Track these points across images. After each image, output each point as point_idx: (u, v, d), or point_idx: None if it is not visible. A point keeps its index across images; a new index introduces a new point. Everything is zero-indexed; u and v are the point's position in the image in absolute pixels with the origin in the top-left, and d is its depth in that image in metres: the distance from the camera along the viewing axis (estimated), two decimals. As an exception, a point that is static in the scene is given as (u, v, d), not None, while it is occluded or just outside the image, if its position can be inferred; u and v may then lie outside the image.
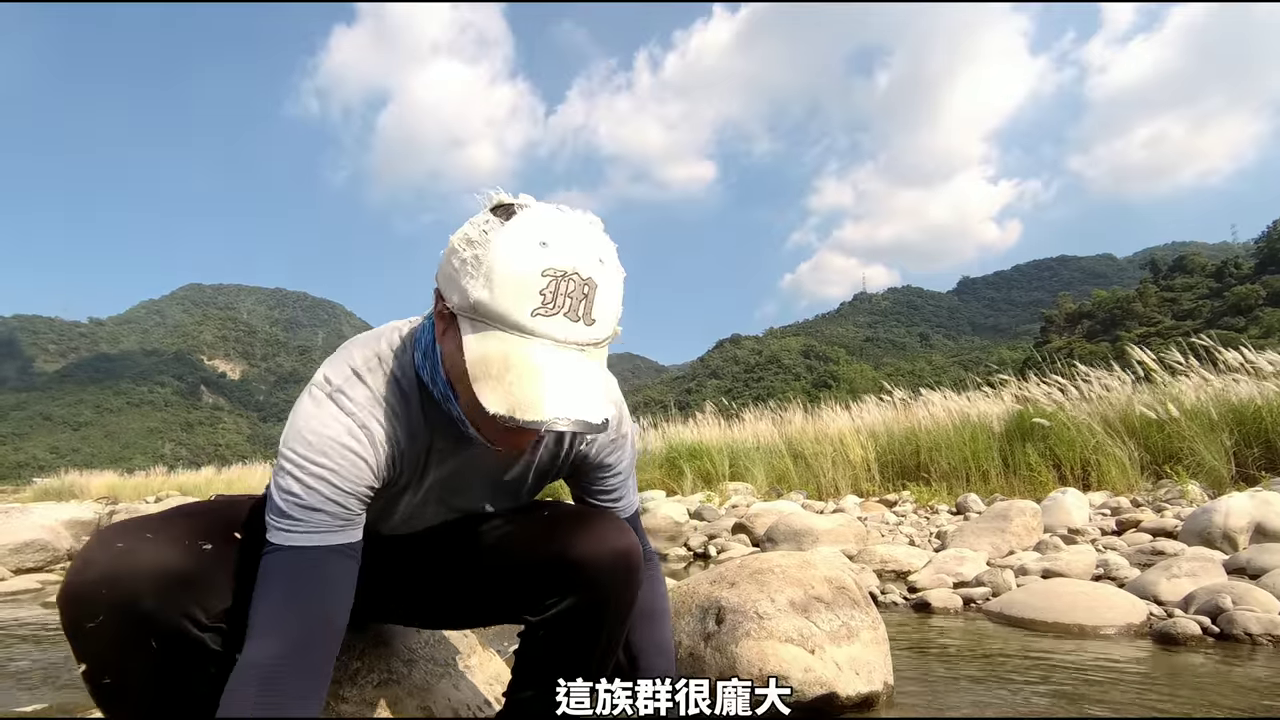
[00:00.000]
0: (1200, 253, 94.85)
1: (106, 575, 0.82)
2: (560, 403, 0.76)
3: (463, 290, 0.80)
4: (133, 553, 0.84)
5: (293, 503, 0.84)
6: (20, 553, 4.51)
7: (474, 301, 0.78)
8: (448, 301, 0.83)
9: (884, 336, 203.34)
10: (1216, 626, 2.03)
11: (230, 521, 0.96)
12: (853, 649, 1.57)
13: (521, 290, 0.77)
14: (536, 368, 0.77)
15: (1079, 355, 9.50)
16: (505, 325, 0.78)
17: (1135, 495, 4.77)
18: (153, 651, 0.85)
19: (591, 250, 0.81)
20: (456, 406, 0.90)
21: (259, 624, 0.82)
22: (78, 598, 0.82)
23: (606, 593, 1.02)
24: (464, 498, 1.07)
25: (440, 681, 1.30)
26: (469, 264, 0.80)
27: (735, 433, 8.51)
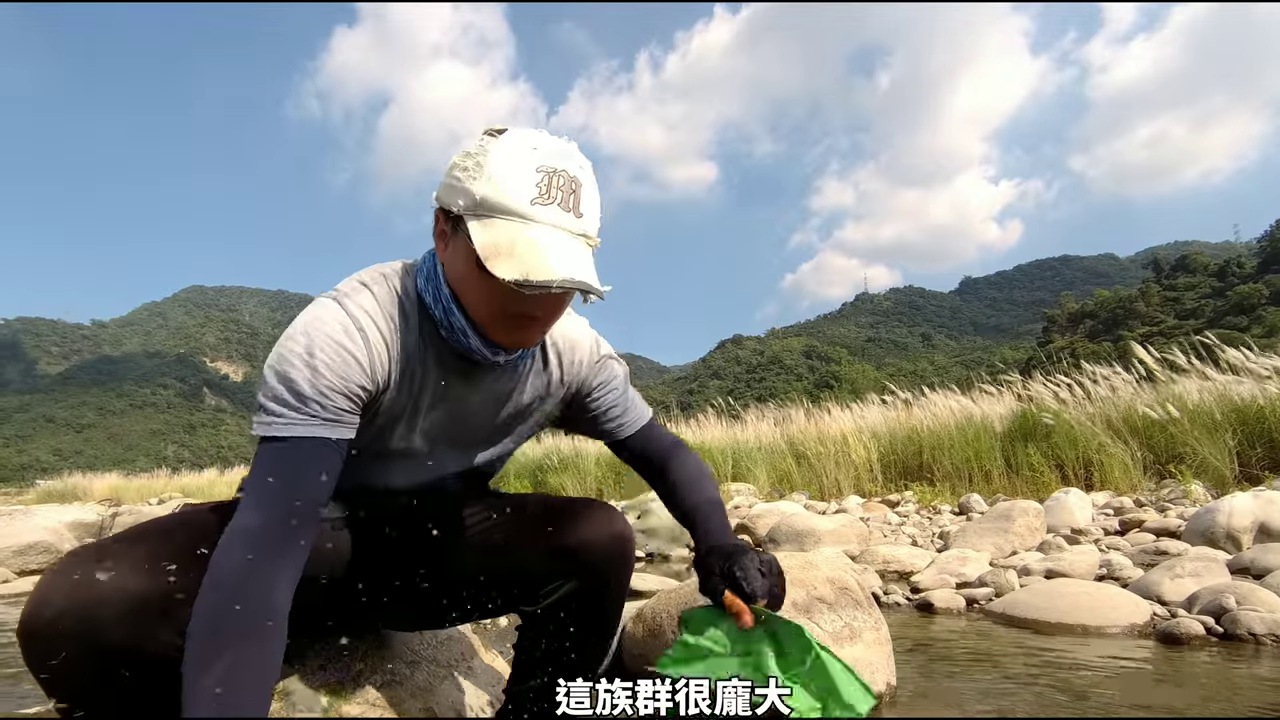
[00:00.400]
0: (1203, 252, 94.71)
1: (66, 611, 0.78)
2: (565, 266, 0.85)
3: (467, 192, 0.89)
4: (92, 583, 0.79)
5: (282, 394, 0.88)
6: (24, 554, 4.52)
7: (479, 198, 0.88)
8: (451, 207, 0.91)
9: (886, 337, 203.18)
10: (1220, 627, 2.02)
11: (194, 538, 0.91)
12: (855, 650, 1.57)
13: (520, 183, 0.88)
14: (541, 241, 0.87)
15: (1081, 355, 9.48)
16: (508, 213, 0.87)
17: (1138, 495, 4.77)
18: (125, 680, 0.81)
19: (574, 156, 0.93)
20: (460, 317, 0.96)
21: (245, 503, 0.85)
22: (37, 637, 0.78)
23: (604, 577, 1.05)
24: (462, 436, 1.08)
25: (443, 683, 1.30)
26: (470, 170, 0.89)
27: (737, 433, 8.51)
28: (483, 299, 0.92)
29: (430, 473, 1.08)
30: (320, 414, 0.88)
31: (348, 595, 1.09)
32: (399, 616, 1.22)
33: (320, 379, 0.88)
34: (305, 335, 0.90)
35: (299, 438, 0.87)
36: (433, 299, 0.98)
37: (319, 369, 0.89)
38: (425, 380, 1.01)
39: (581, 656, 1.08)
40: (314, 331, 0.90)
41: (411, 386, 1.00)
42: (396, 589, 1.12)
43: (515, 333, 0.95)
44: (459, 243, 0.91)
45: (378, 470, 1.05)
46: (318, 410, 0.88)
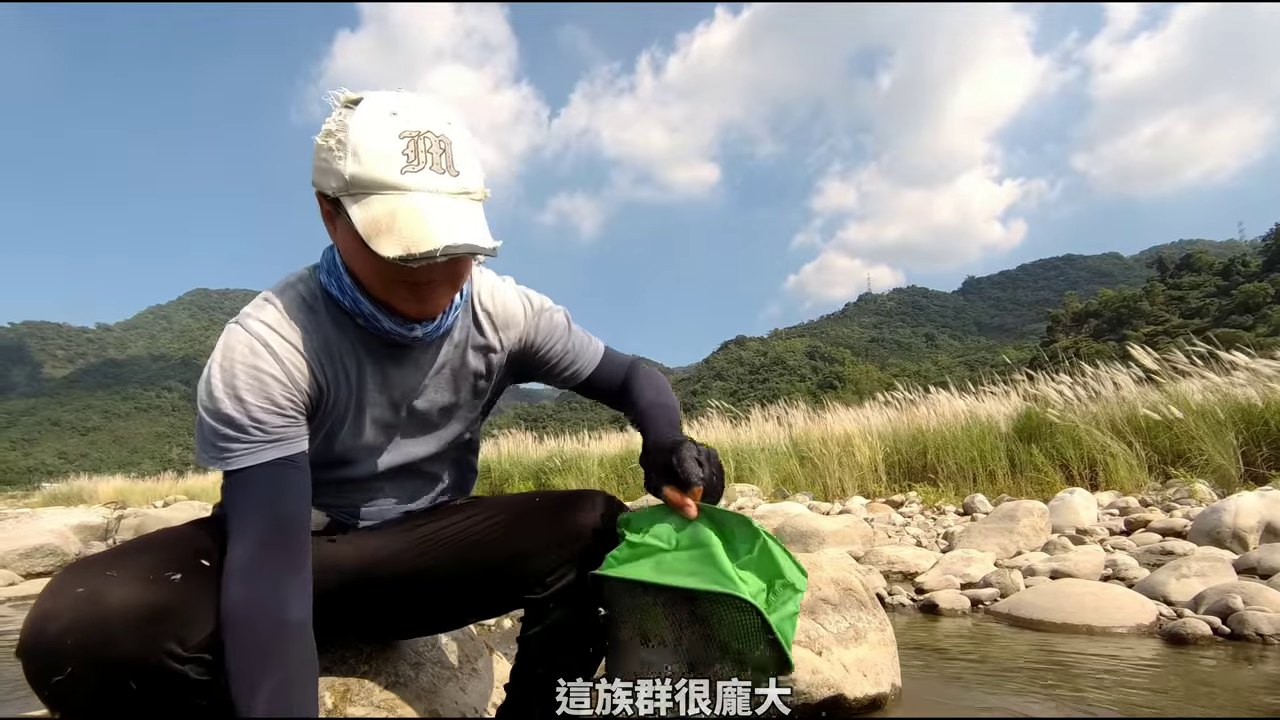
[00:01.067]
0: (1207, 251, 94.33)
1: (70, 626, 0.76)
2: (448, 232, 0.84)
3: (336, 173, 0.87)
4: (96, 595, 0.78)
5: (221, 430, 0.89)
6: (30, 557, 4.54)
7: (349, 177, 0.86)
8: (326, 191, 0.89)
9: (889, 337, 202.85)
10: (1227, 627, 2.01)
11: (197, 548, 0.91)
12: (860, 651, 1.56)
13: (386, 154, 0.85)
14: (419, 210, 0.84)
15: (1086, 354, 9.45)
16: (381, 188, 0.85)
17: (1144, 495, 4.75)
18: (132, 692, 0.80)
19: (438, 113, 0.90)
20: (367, 302, 0.96)
21: (230, 540, 0.87)
22: (40, 654, 0.76)
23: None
24: (415, 417, 1.09)
25: (448, 684, 1.30)
26: (334, 150, 0.87)
27: (741, 434, 8.51)
28: (376, 275, 0.92)
29: (401, 458, 1.10)
30: (263, 438, 0.89)
31: (356, 607, 1.10)
32: (407, 624, 1.22)
33: (248, 407, 0.89)
34: (220, 368, 0.91)
35: (253, 466, 0.89)
36: (338, 290, 0.98)
37: (242, 397, 0.89)
38: (359, 372, 1.01)
39: (585, 644, 1.08)
40: (226, 362, 0.91)
41: (348, 380, 1.00)
42: (398, 602, 1.12)
43: (420, 303, 0.95)
44: (343, 223, 0.90)
45: (350, 469, 1.07)
46: (260, 435, 0.89)
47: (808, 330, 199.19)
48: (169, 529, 1.00)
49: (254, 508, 0.88)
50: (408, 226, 0.83)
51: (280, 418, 0.91)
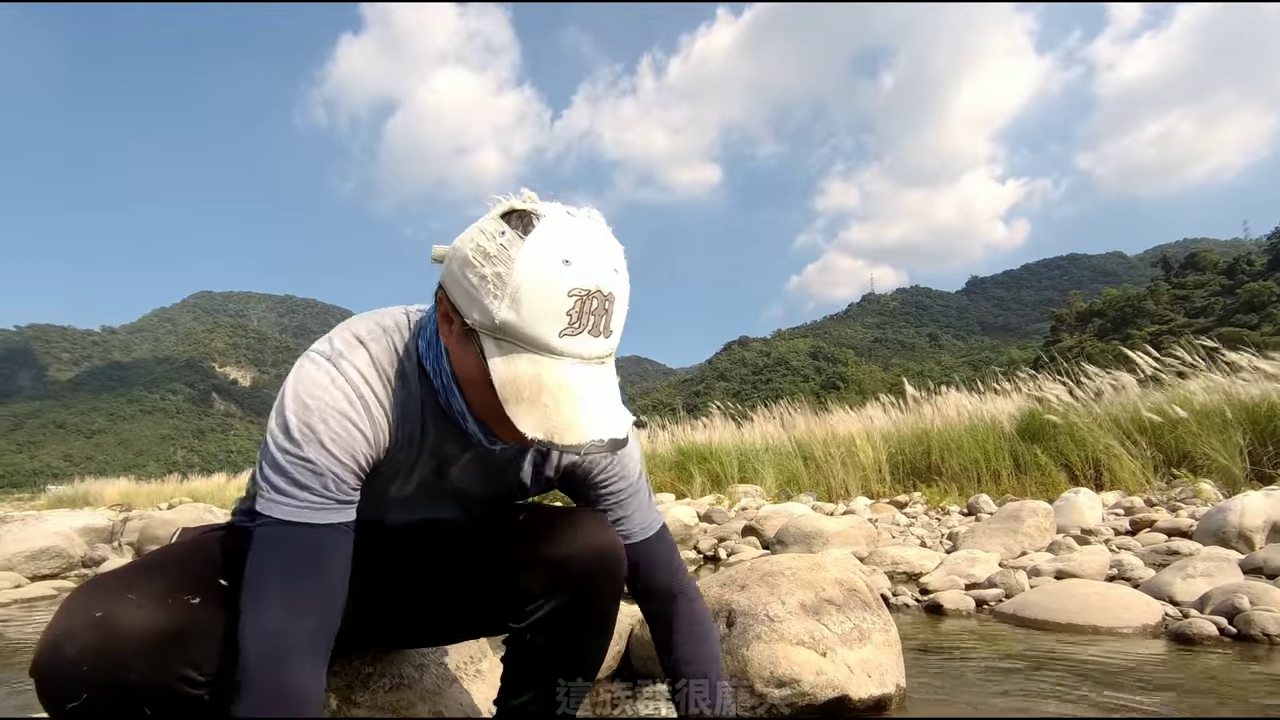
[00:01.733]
0: (1212, 250, 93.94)
1: (87, 651, 0.74)
2: (594, 424, 0.77)
3: (485, 309, 0.78)
4: (112, 619, 0.76)
5: (288, 475, 0.82)
6: (36, 559, 4.55)
7: (500, 323, 0.77)
8: (466, 317, 0.81)
9: (892, 337, 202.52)
10: (1234, 627, 2.00)
11: (213, 566, 0.90)
12: (864, 651, 1.56)
13: (550, 313, 0.76)
14: (570, 388, 0.78)
15: (1090, 354, 9.43)
16: (534, 347, 0.78)
17: (1149, 495, 4.73)
18: (147, 717, 0.79)
19: (609, 263, 0.80)
20: (459, 400, 0.89)
21: (268, 594, 0.80)
22: (56, 678, 0.75)
23: (589, 592, 1.00)
24: (452, 491, 1.04)
25: (452, 686, 1.30)
26: (491, 282, 0.78)
27: (744, 435, 8.50)
28: (489, 408, 0.84)
29: (429, 515, 1.06)
30: (335, 495, 0.84)
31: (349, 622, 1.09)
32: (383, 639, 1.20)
33: (331, 459, 0.83)
34: (305, 405, 0.84)
35: (317, 525, 0.83)
36: (433, 370, 0.92)
37: (327, 446, 0.83)
38: (424, 440, 0.96)
39: (569, 671, 1.04)
40: (313, 400, 0.84)
41: (410, 446, 0.95)
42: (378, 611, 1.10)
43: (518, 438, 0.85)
44: (470, 349, 0.82)
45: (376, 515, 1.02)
46: (333, 492, 0.84)
47: (811, 331, 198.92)
48: (186, 543, 0.98)
49: (305, 571, 0.82)
50: (555, 408, 0.77)
51: (354, 478, 0.86)
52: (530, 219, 0.79)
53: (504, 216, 0.80)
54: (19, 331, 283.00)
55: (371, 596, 1.08)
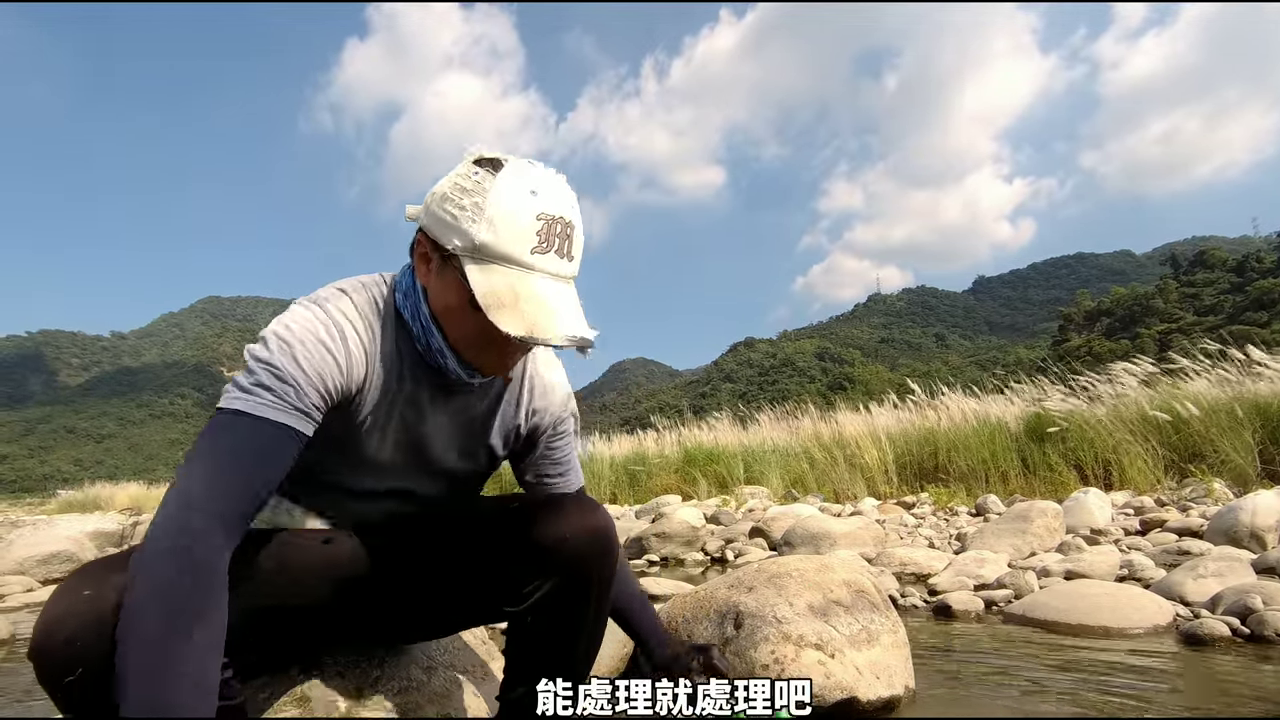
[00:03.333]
0: (1221, 247, 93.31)
1: (79, 629, 0.78)
2: (566, 324, 0.89)
3: (465, 233, 0.90)
4: (101, 598, 0.79)
5: (254, 378, 0.88)
6: (47, 564, 4.58)
7: (479, 243, 0.90)
8: (446, 245, 0.92)
9: (899, 337, 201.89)
10: (1246, 627, 1.99)
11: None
12: (873, 653, 1.55)
13: (522, 233, 0.90)
14: (543, 297, 0.90)
15: (1098, 353, 9.38)
16: (509, 262, 0.90)
17: (1159, 494, 4.70)
18: None
19: (569, 198, 0.95)
20: (438, 339, 0.99)
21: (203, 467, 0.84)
22: (51, 657, 0.78)
23: (587, 572, 1.03)
24: (428, 450, 1.08)
25: (460, 689, 1.30)
26: (469, 210, 0.90)
27: (750, 436, 8.48)
28: (469, 334, 0.95)
29: (404, 485, 1.09)
30: (295, 401, 0.89)
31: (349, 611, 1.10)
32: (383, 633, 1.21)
33: (299, 372, 0.89)
34: (288, 330, 0.91)
35: (271, 420, 0.87)
36: (411, 315, 1.00)
37: (299, 361, 0.90)
38: (400, 391, 1.02)
39: (570, 655, 1.06)
40: (295, 327, 0.92)
41: (386, 395, 1.01)
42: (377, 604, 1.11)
43: (496, 362, 0.99)
44: (449, 277, 0.94)
45: (353, 482, 1.06)
46: (293, 398, 0.89)
47: (817, 331, 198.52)
48: None
49: (249, 458, 0.86)
50: (531, 309, 0.88)
51: (319, 396, 0.92)
52: (499, 162, 0.94)
53: (476, 163, 0.94)
54: (30, 337, 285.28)
55: (369, 590, 1.09)
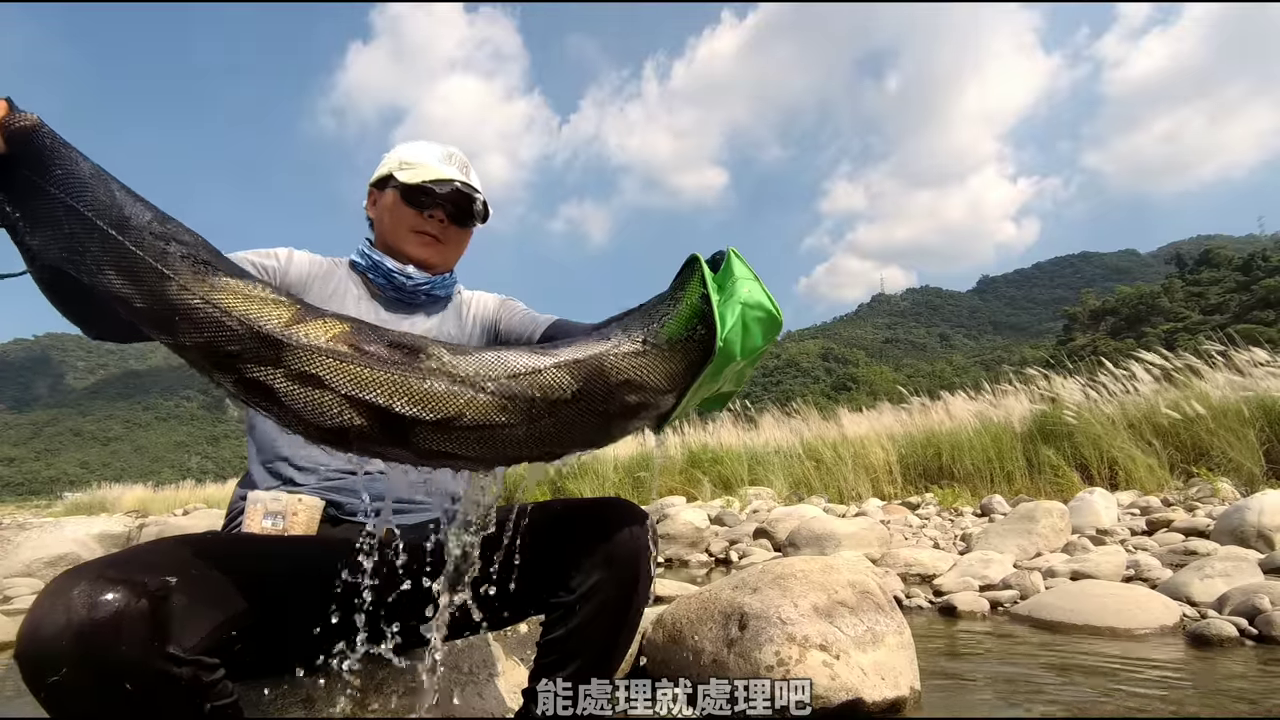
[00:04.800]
0: (1226, 246, 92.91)
1: (65, 628, 0.77)
2: (458, 175, 1.35)
3: (392, 160, 1.35)
4: (90, 597, 0.79)
5: None
6: (55, 566, 4.60)
7: (401, 161, 1.34)
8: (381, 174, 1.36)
9: (903, 338, 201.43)
10: (1254, 628, 1.98)
11: (198, 553, 0.93)
12: (878, 654, 1.55)
13: (431, 154, 1.36)
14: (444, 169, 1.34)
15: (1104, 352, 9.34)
16: (423, 164, 1.33)
17: (1165, 494, 4.68)
18: (128, 694, 0.80)
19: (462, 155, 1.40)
20: (382, 257, 1.36)
21: None
22: (36, 655, 0.77)
23: (633, 567, 1.07)
24: None
25: (464, 689, 1.31)
26: (392, 155, 1.37)
27: (754, 437, 8.47)
28: (399, 221, 1.34)
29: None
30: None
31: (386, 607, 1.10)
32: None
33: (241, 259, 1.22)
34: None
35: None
36: (364, 254, 1.38)
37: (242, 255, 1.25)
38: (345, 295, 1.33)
39: (610, 646, 1.09)
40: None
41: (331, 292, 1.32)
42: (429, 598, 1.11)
43: (425, 249, 1.36)
44: (385, 195, 1.36)
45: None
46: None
47: (821, 332, 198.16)
48: (171, 536, 1.02)
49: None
50: (431, 170, 1.32)
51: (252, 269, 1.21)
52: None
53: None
54: (36, 340, 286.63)
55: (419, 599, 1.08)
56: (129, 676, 0.79)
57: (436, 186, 1.30)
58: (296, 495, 1.14)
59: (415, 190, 1.32)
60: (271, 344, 0.79)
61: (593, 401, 0.83)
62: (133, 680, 0.80)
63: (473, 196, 1.34)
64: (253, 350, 0.79)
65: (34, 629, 0.78)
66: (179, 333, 0.80)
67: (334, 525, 1.18)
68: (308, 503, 1.14)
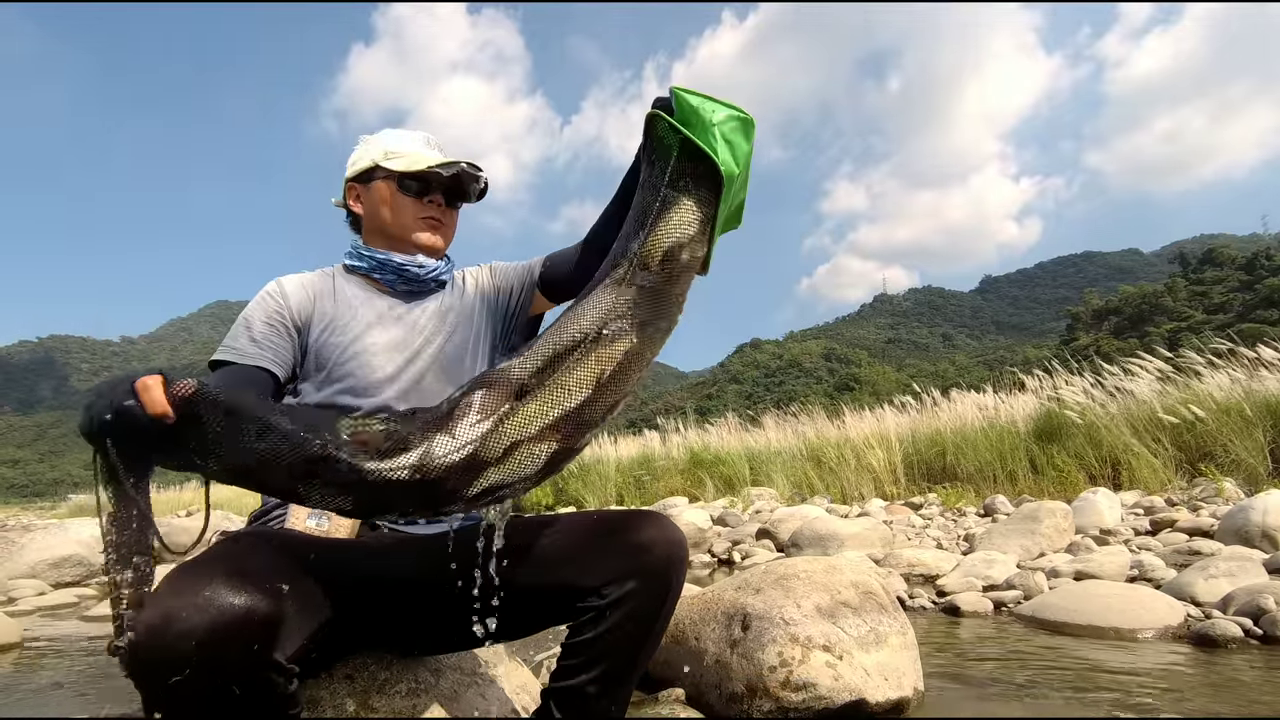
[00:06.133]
0: (1230, 245, 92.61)
1: (197, 627, 0.76)
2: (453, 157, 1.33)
3: (375, 148, 1.34)
4: (219, 598, 0.78)
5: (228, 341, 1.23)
6: (59, 567, 4.62)
7: (385, 151, 1.33)
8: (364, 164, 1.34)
9: (906, 338, 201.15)
10: (1259, 628, 1.97)
11: (297, 557, 0.94)
12: (881, 655, 1.55)
13: (413, 139, 1.36)
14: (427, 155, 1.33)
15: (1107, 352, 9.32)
16: (410, 150, 1.33)
17: (1169, 494, 4.67)
18: (235, 697, 0.80)
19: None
20: (394, 255, 1.33)
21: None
22: (161, 652, 0.76)
23: (666, 577, 1.06)
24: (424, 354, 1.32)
25: (468, 690, 1.31)
26: (371, 144, 1.35)
27: (757, 438, 8.47)
28: (402, 211, 1.33)
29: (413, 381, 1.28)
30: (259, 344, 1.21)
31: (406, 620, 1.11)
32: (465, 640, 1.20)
33: (255, 318, 1.24)
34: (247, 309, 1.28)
35: (239, 363, 1.19)
36: (355, 252, 1.36)
37: (252, 310, 1.26)
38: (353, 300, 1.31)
39: (637, 653, 1.08)
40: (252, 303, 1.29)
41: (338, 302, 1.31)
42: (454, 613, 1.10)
43: (426, 233, 1.35)
44: (372, 188, 1.34)
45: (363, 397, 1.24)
46: (258, 342, 1.21)
47: (823, 332, 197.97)
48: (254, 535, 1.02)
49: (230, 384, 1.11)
50: (423, 158, 1.31)
51: (274, 333, 1.23)
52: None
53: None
54: (40, 343, 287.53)
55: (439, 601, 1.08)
56: (240, 682, 0.79)
57: (443, 170, 1.29)
58: None
59: (417, 177, 1.31)
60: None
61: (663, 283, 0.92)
62: (243, 686, 0.80)
63: (476, 176, 1.34)
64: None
65: (164, 625, 0.75)
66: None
67: (372, 529, 1.18)
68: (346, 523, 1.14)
